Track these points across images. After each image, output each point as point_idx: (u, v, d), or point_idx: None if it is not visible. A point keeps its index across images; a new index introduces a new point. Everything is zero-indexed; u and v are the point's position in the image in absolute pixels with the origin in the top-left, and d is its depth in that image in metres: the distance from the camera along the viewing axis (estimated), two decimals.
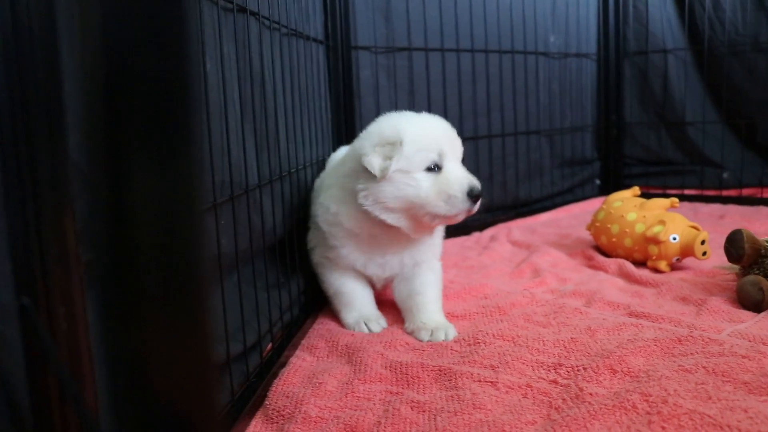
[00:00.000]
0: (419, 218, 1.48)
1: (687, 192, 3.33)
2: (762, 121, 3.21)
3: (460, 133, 2.57)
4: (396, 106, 2.43)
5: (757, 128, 3.24)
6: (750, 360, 1.21)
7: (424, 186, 1.45)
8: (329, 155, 2.03)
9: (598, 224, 2.18)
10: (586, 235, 2.41)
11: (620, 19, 3.41)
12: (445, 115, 2.52)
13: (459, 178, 1.46)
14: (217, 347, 1.06)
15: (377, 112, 2.36)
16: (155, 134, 0.51)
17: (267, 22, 1.47)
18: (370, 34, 2.36)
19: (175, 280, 0.55)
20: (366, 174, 1.46)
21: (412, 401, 1.14)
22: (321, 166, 1.96)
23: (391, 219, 1.48)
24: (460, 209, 1.45)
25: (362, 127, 2.27)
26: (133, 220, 0.51)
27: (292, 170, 1.61)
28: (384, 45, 2.40)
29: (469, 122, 2.66)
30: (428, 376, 1.25)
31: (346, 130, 2.20)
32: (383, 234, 1.54)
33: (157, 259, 0.53)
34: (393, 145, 1.44)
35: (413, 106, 2.47)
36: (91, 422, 0.60)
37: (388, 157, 1.44)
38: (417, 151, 1.45)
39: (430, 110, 2.50)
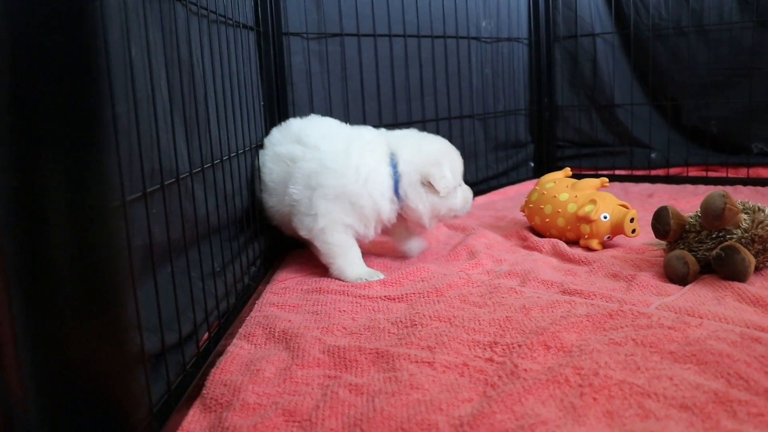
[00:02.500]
0: (443, 218, 1.97)
1: (618, 172, 3.42)
2: (686, 103, 3.31)
3: (394, 119, 2.60)
4: (329, 92, 2.42)
5: (681, 110, 3.35)
6: (676, 331, 1.25)
7: (459, 197, 1.95)
8: (261, 141, 2.02)
9: (531, 205, 2.22)
10: (521, 217, 2.45)
11: (550, 4, 3.46)
12: (379, 101, 2.56)
13: (465, 187, 2.00)
14: (149, 337, 1.05)
15: (310, 99, 2.36)
16: (63, 128, 0.50)
17: (194, 8, 1.44)
18: (301, 20, 2.34)
19: (89, 273, 0.54)
20: (427, 188, 1.86)
21: (350, 384, 1.14)
22: (254, 152, 1.94)
23: (430, 224, 1.96)
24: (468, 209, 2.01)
25: (295, 113, 2.27)
26: (44, 214, 0.50)
27: (225, 158, 1.59)
28: (315, 31, 2.39)
29: (402, 107, 2.67)
30: (366, 359, 1.26)
31: (279, 116, 2.18)
32: (401, 221, 1.97)
33: (71, 252, 0.52)
34: (443, 166, 1.86)
35: (346, 92, 2.47)
36: (17, 410, 0.59)
37: (445, 177, 1.86)
38: (459, 173, 1.96)
39: (363, 96, 2.51)
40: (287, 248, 2.23)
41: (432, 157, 1.87)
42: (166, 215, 1.17)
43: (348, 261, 1.85)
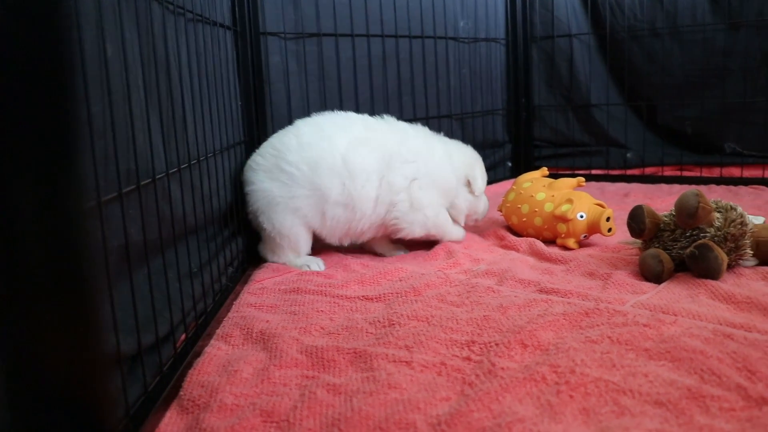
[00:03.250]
0: (469, 218, 2.21)
1: (594, 172, 3.45)
2: (661, 103, 3.34)
3: None
4: (306, 92, 2.42)
5: (656, 110, 3.38)
6: (651, 328, 1.27)
7: (483, 201, 2.21)
8: (240, 141, 2.01)
9: (508, 205, 2.24)
10: (498, 216, 2.46)
11: (527, 4, 3.48)
12: (356, 101, 2.56)
13: (484, 195, 2.22)
14: (126, 338, 1.04)
15: (288, 98, 2.35)
16: (37, 128, 0.50)
17: (171, 7, 1.44)
18: (279, 19, 2.34)
19: (63, 274, 0.54)
20: (466, 188, 2.11)
21: (328, 384, 1.14)
22: (233, 152, 1.94)
23: (463, 222, 2.19)
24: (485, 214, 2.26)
25: (273, 113, 2.27)
26: (17, 214, 0.50)
27: (202, 158, 1.59)
28: (293, 31, 2.38)
29: (380, 107, 2.67)
30: (344, 359, 1.26)
31: (257, 116, 2.17)
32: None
33: (44, 253, 0.52)
34: (477, 170, 2.12)
35: (324, 92, 2.47)
36: None
37: (480, 179, 2.12)
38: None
39: (341, 96, 2.51)
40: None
41: (471, 161, 2.13)
42: (143, 216, 1.16)
43: (452, 226, 2.13)
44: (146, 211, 1.18)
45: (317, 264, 1.95)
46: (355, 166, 1.90)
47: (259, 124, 2.18)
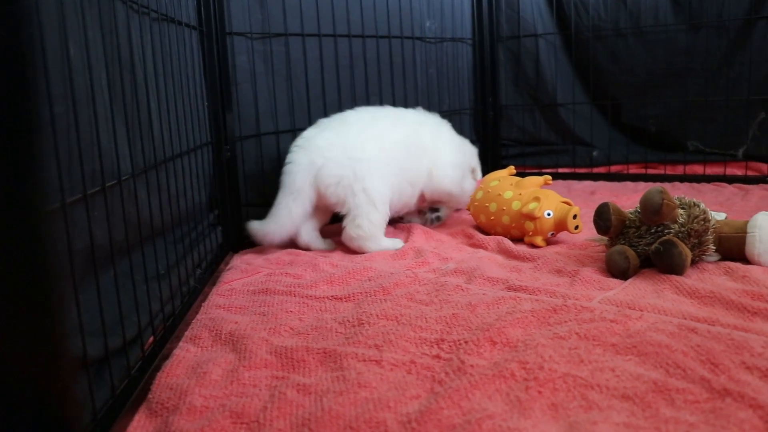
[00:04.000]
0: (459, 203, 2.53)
1: (561, 170, 3.48)
2: (625, 102, 3.39)
3: None
4: (274, 93, 2.41)
5: (621, 109, 3.42)
6: (617, 324, 1.29)
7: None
8: (207, 142, 2.00)
9: (476, 203, 2.25)
10: (467, 215, 2.48)
11: (493, 4, 3.50)
12: (324, 101, 2.55)
13: None
14: (92, 342, 1.03)
15: (255, 99, 2.34)
16: None
17: (135, 6, 1.42)
18: (245, 19, 2.32)
19: (27, 277, 0.53)
20: (472, 174, 2.58)
21: (298, 384, 1.14)
22: (200, 153, 1.92)
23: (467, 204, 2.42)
24: None
25: (240, 114, 2.26)
26: None
27: (168, 158, 1.57)
28: (260, 31, 2.37)
29: (348, 106, 2.65)
30: (313, 359, 1.26)
31: (224, 117, 2.16)
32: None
33: (8, 256, 0.51)
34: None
35: (291, 92, 2.46)
36: None
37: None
38: None
39: (308, 96, 2.51)
40: (233, 249, 2.22)
41: (472, 152, 2.62)
42: (108, 217, 1.15)
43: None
44: (112, 212, 1.17)
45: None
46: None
47: (226, 125, 2.16)
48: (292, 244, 2.19)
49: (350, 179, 2.09)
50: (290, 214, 2.10)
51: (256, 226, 2.12)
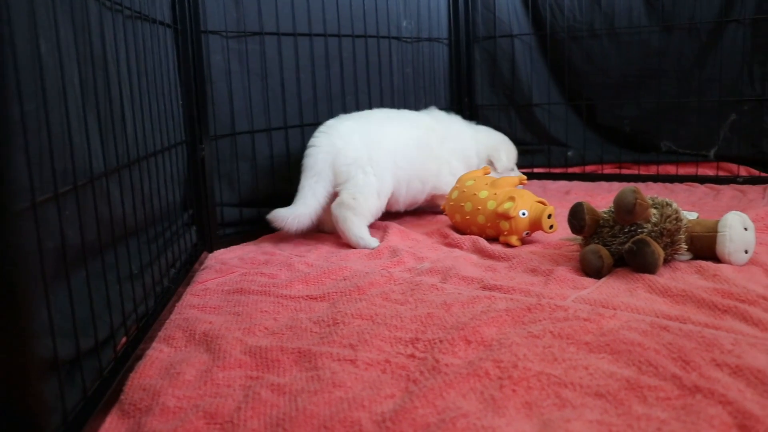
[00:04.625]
0: None
1: (536, 170, 3.50)
2: (600, 103, 3.42)
3: (315, 118, 2.60)
4: (249, 92, 2.40)
5: (596, 109, 3.45)
6: (591, 322, 1.30)
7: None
8: (181, 141, 1.99)
9: (452, 203, 2.25)
10: (442, 215, 2.48)
11: (469, 5, 3.51)
12: (299, 100, 2.55)
13: (517, 171, 2.95)
14: (64, 343, 1.02)
15: (230, 98, 2.33)
16: None
17: (108, 3, 1.41)
18: (220, 18, 2.31)
19: None
20: (492, 165, 2.76)
21: (273, 384, 1.14)
22: (174, 152, 1.91)
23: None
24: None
25: (214, 113, 2.24)
26: None
27: (142, 157, 1.56)
28: (235, 30, 2.36)
29: (323, 106, 2.66)
30: (288, 358, 1.25)
31: (198, 115, 2.14)
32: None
33: None
34: (501, 151, 2.85)
35: (266, 91, 2.45)
36: None
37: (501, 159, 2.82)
38: (513, 159, 2.93)
39: (284, 95, 2.50)
40: (208, 249, 2.20)
41: (493, 143, 2.84)
42: (80, 217, 1.14)
43: None
44: (84, 212, 1.16)
45: None
46: None
47: (200, 124, 2.15)
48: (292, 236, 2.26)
49: (364, 161, 2.23)
50: (315, 195, 2.20)
51: (283, 213, 2.17)
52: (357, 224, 2.14)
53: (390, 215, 2.48)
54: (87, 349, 1.12)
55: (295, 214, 2.17)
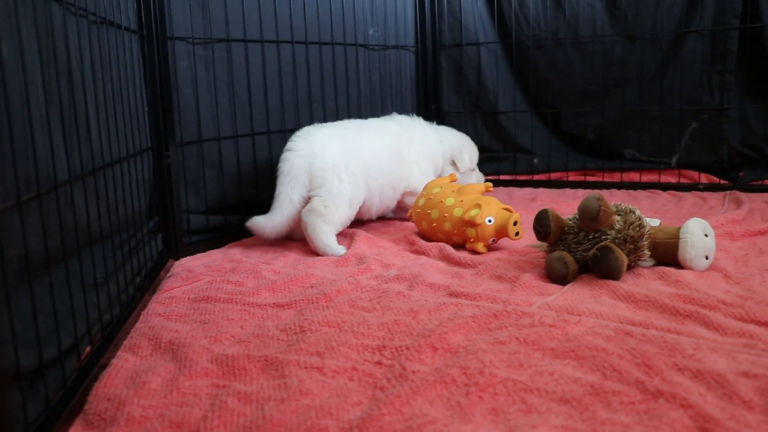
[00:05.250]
0: None
1: (502, 177, 3.53)
2: (565, 111, 3.46)
3: (282, 125, 2.59)
4: (215, 98, 2.38)
5: (561, 117, 3.49)
6: (556, 328, 1.31)
7: (474, 178, 2.96)
8: (147, 147, 1.97)
9: (419, 210, 2.26)
10: (409, 222, 2.49)
11: (436, 13, 3.54)
12: (266, 107, 2.54)
13: (478, 172, 3.03)
14: (26, 352, 1.00)
15: (196, 104, 2.31)
16: None
17: (73, 9, 1.40)
18: (187, 24, 2.29)
19: None
20: (452, 166, 2.85)
21: (239, 393, 1.13)
22: (140, 159, 1.89)
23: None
24: None
25: (180, 119, 2.22)
26: None
27: (107, 164, 1.54)
28: (201, 36, 2.34)
29: (290, 113, 2.66)
30: (255, 367, 1.25)
31: (164, 122, 2.12)
32: None
33: None
34: (464, 152, 2.89)
35: (233, 98, 2.44)
36: None
37: (463, 159, 2.88)
38: (475, 161, 2.96)
39: (250, 102, 2.49)
40: (174, 257, 2.18)
41: (457, 144, 2.87)
42: (44, 224, 1.12)
43: None
44: (48, 219, 1.14)
45: None
46: None
47: (166, 131, 2.13)
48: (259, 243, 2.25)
49: (341, 168, 2.24)
50: (291, 201, 2.20)
51: (261, 221, 2.19)
52: (325, 232, 2.14)
53: (359, 221, 2.48)
54: (50, 359, 1.11)
55: (273, 223, 2.18)
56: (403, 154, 2.57)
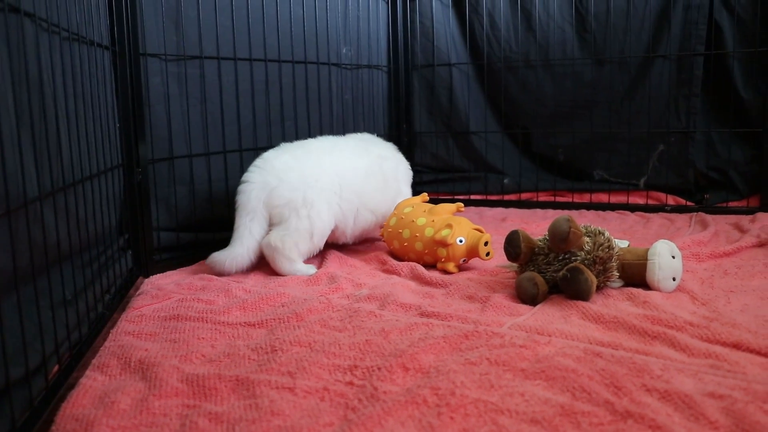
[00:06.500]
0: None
1: (473, 197, 3.55)
2: (535, 132, 3.50)
3: (254, 143, 2.59)
4: (188, 115, 2.37)
5: (531, 138, 3.53)
6: (527, 349, 1.32)
7: None
8: (118, 164, 1.96)
9: (390, 230, 2.27)
10: (380, 241, 2.49)
11: (408, 33, 3.56)
12: (239, 125, 2.54)
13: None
14: None
15: (168, 121, 2.30)
16: None
17: (44, 25, 1.39)
18: (160, 41, 2.29)
19: None
20: None
21: (210, 413, 1.12)
22: (110, 176, 1.88)
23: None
24: None
25: (153, 136, 2.21)
26: None
27: (77, 181, 1.53)
28: (174, 53, 2.34)
29: (262, 131, 2.66)
30: (226, 386, 1.24)
31: (135, 139, 2.11)
32: None
33: None
34: None
35: (205, 115, 2.43)
36: None
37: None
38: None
39: (223, 120, 2.49)
40: (144, 274, 2.16)
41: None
42: (13, 241, 1.11)
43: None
44: (16, 236, 1.13)
45: None
46: None
47: (138, 147, 2.12)
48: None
49: (299, 202, 2.16)
50: (251, 233, 2.16)
51: (219, 257, 2.14)
52: (287, 264, 2.12)
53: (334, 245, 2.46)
54: (17, 378, 1.09)
55: (233, 256, 2.14)
56: (388, 176, 2.51)
